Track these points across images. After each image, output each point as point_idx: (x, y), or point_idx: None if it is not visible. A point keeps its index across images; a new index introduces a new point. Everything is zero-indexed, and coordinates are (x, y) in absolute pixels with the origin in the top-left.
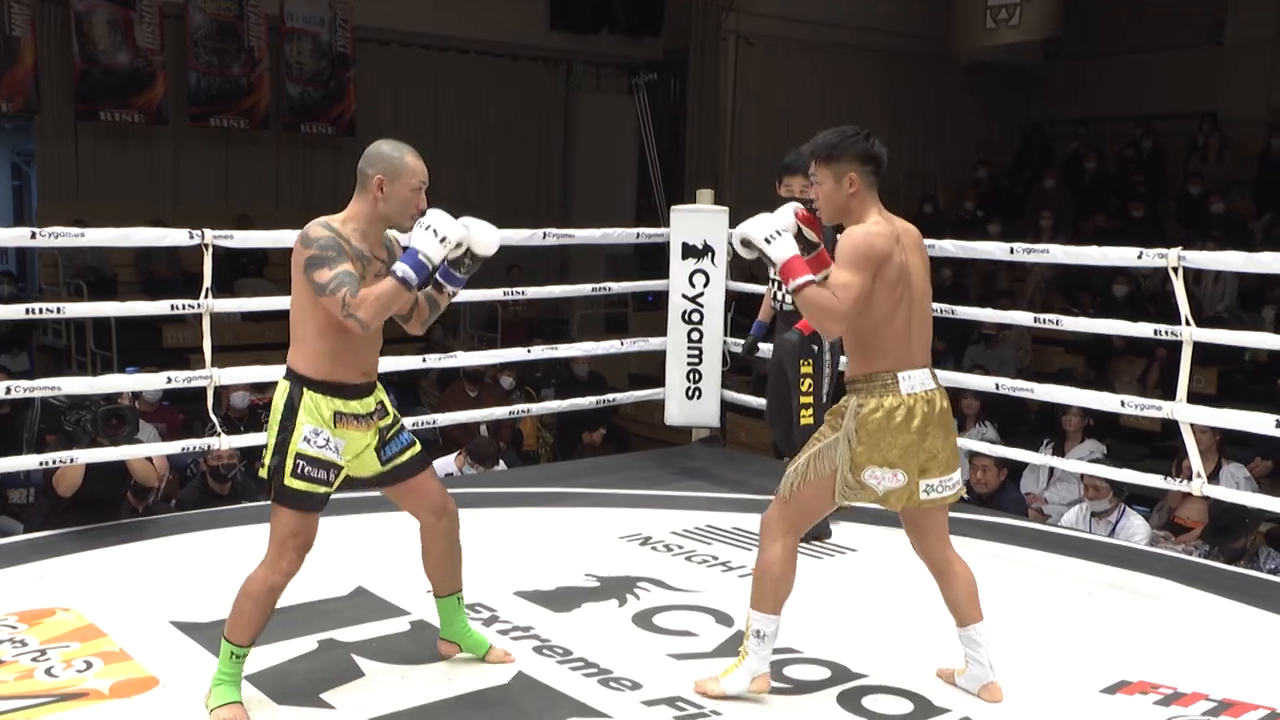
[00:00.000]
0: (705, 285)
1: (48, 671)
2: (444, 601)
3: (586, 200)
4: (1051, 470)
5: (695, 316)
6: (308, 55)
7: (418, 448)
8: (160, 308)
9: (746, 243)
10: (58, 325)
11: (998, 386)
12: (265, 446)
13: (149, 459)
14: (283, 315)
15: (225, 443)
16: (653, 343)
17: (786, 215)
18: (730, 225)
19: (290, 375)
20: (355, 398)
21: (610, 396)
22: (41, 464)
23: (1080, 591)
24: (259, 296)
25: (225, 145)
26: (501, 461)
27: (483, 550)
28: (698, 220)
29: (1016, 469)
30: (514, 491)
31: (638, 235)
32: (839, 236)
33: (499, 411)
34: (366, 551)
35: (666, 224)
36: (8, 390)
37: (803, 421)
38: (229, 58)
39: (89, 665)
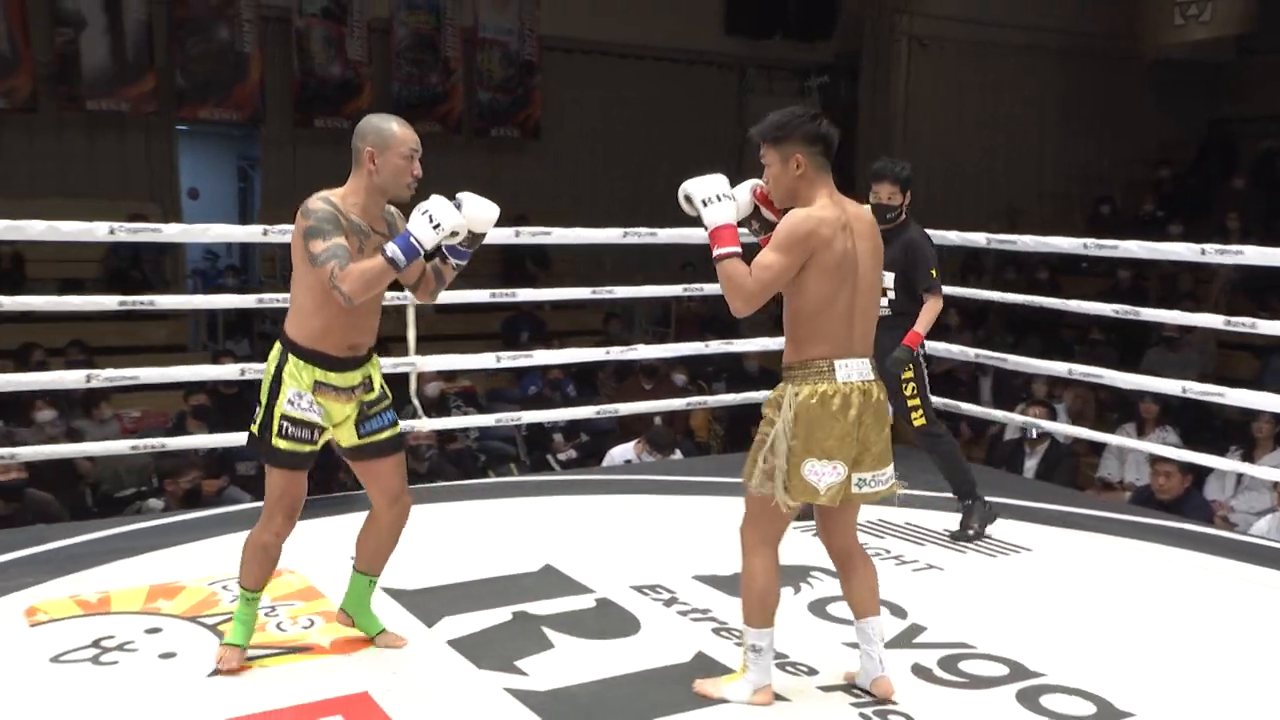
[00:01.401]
0: None
1: (278, 626)
2: (359, 577)
3: None
4: (1239, 478)
5: None
6: (497, 64)
7: (396, 430)
8: None
9: (688, 198)
10: (274, 314)
11: (1185, 391)
12: (257, 405)
13: None
14: (471, 309)
15: (426, 425)
16: None
17: (743, 191)
18: None
19: (282, 339)
20: (337, 370)
21: None
22: None
23: (1277, 602)
24: (450, 290)
25: (423, 148)
26: (678, 450)
27: (663, 535)
28: None
29: (1200, 476)
30: (692, 480)
31: None
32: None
33: (676, 403)
34: (553, 532)
35: None
36: (242, 371)
37: (916, 424)
38: (427, 67)
39: (311, 623)
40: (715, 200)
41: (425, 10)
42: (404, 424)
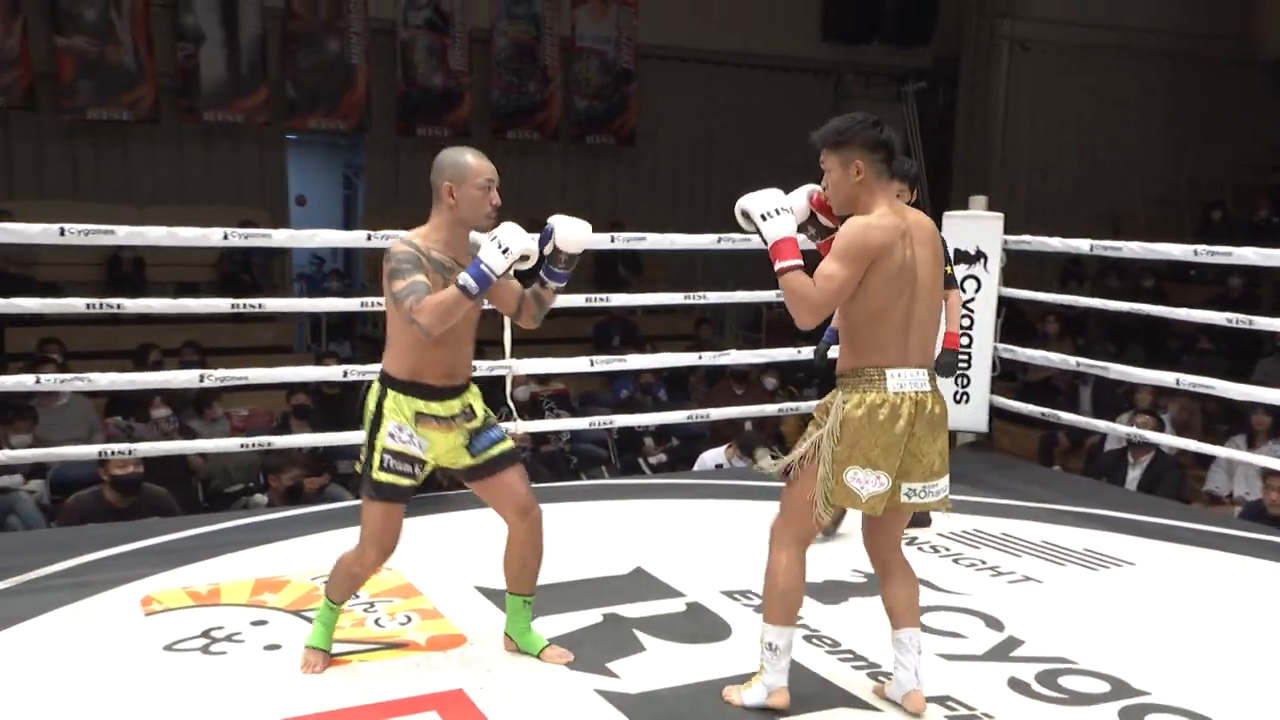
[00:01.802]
0: (976, 291)
1: (376, 621)
2: (512, 599)
3: None
4: None
5: (965, 322)
6: (594, 72)
7: (508, 444)
8: None
9: (745, 214)
10: (376, 317)
11: None
12: (361, 445)
13: None
14: (564, 312)
15: (520, 427)
16: None
17: (799, 197)
18: (1004, 232)
19: (381, 377)
20: (437, 399)
21: None
22: None
23: None
24: None
25: (520, 156)
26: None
27: (753, 540)
28: (971, 226)
29: None
30: (782, 485)
31: None
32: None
33: (767, 408)
34: (644, 535)
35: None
36: (345, 373)
37: None
38: (526, 76)
39: (409, 619)
40: (774, 214)
41: (525, 20)
42: (501, 426)
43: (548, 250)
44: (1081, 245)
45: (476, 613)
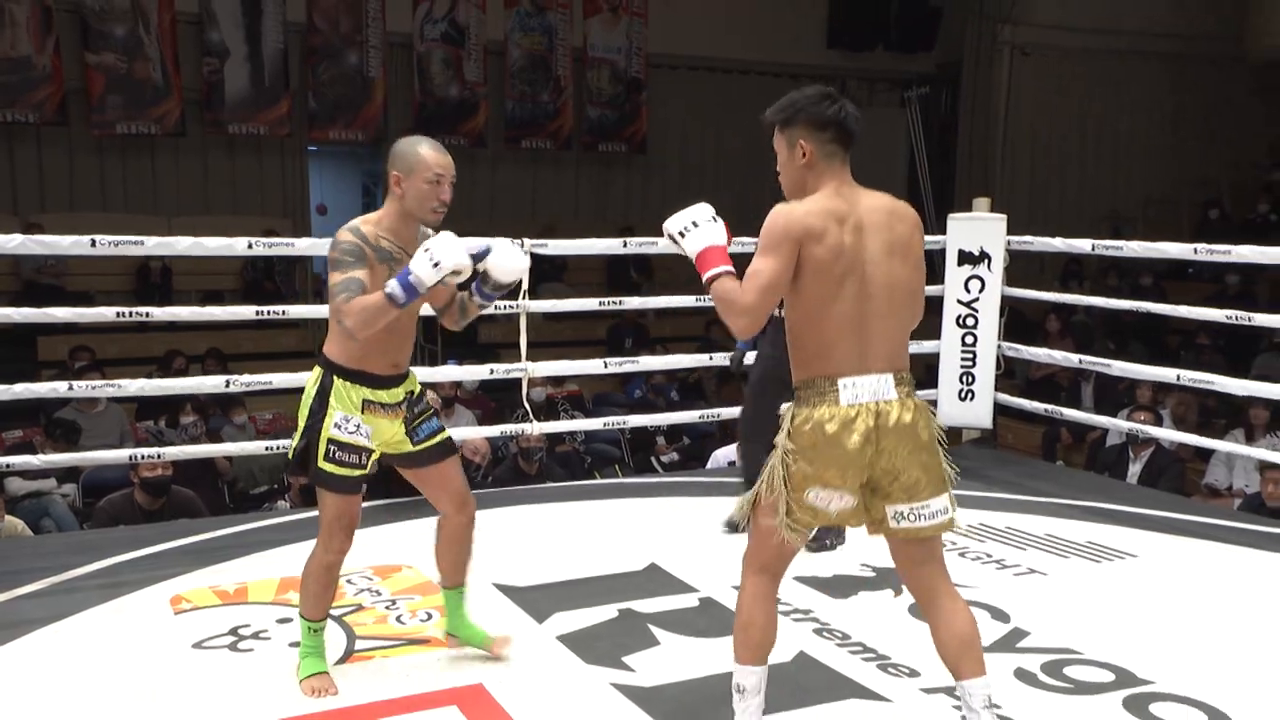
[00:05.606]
0: (980, 291)
1: (398, 619)
2: (450, 593)
3: None
4: None
5: (969, 321)
6: (606, 81)
7: (446, 434)
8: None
9: (671, 237)
10: None
11: None
12: (295, 430)
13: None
14: (577, 316)
15: (536, 428)
16: (925, 345)
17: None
18: (1007, 233)
19: (323, 363)
20: (383, 388)
21: None
22: None
23: None
24: (558, 299)
25: (533, 164)
26: None
27: None
28: (975, 228)
29: None
30: None
31: None
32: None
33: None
34: (658, 532)
35: (936, 232)
36: None
37: None
38: (539, 87)
39: (429, 616)
40: (691, 228)
41: (538, 32)
42: (517, 427)
43: (480, 267)
44: (1084, 245)
45: (495, 609)
